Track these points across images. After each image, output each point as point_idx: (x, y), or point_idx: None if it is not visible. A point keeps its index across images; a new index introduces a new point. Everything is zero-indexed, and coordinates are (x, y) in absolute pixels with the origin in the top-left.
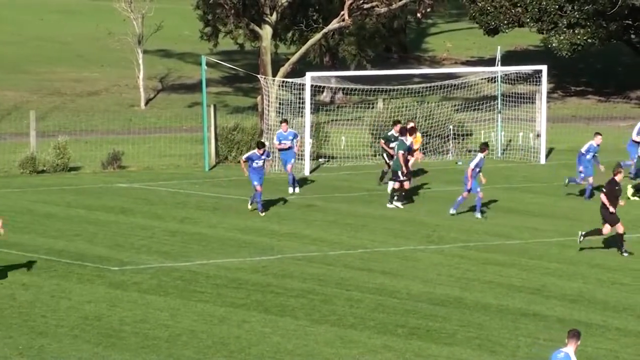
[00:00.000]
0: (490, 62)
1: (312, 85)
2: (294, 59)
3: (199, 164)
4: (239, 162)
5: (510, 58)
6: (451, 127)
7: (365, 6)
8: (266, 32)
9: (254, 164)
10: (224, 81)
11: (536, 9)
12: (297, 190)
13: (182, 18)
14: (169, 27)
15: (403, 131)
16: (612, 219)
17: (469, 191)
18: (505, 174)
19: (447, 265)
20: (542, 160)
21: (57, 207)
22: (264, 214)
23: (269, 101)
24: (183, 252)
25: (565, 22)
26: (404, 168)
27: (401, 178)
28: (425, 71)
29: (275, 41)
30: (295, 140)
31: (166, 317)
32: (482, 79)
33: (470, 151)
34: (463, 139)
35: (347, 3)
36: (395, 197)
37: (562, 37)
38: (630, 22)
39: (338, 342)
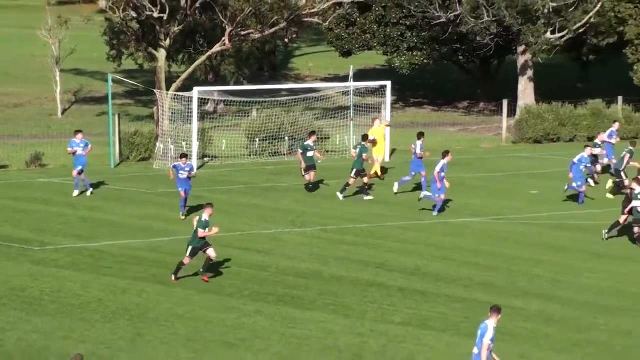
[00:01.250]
0: (345, 78)
1: (198, 98)
2: (183, 76)
3: (105, 163)
4: (139, 160)
5: (360, 75)
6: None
7: (243, 33)
8: (161, 54)
9: (180, 174)
10: (127, 95)
11: (382, 35)
12: (89, 193)
13: (92, 43)
14: (81, 50)
15: (365, 137)
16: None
17: (440, 194)
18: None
19: (309, 244)
20: (387, 159)
21: None
22: (184, 217)
23: (163, 111)
24: (93, 235)
25: (405, 46)
26: (363, 166)
27: (353, 175)
28: (291, 86)
29: (168, 62)
30: (85, 149)
31: (79, 288)
32: (337, 92)
33: (328, 151)
34: (322, 142)
35: (228, 30)
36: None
37: (403, 58)
38: (458, 46)
39: (219, 308)
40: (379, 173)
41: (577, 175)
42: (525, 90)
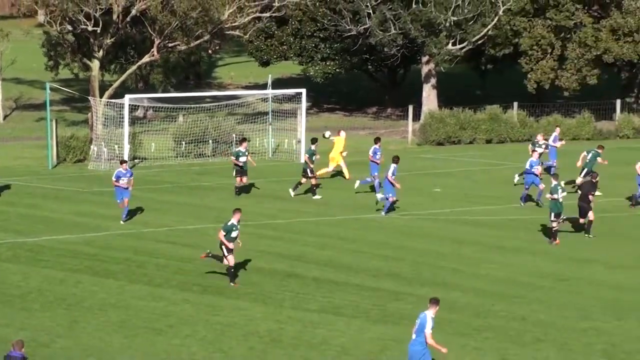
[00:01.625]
0: (263, 86)
1: (129, 105)
2: (115, 84)
3: (43, 164)
4: (75, 162)
5: (278, 83)
6: (234, 135)
7: (170, 45)
8: (95, 64)
9: (120, 182)
10: (63, 102)
11: (297, 47)
12: None
13: (31, 54)
14: (21, 61)
15: (314, 140)
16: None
17: (392, 195)
18: (275, 170)
19: None
20: (302, 160)
21: None
22: (125, 222)
23: (97, 116)
24: (32, 230)
25: (319, 56)
26: (310, 167)
27: (309, 175)
28: (215, 93)
29: (101, 71)
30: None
31: (19, 279)
32: (257, 99)
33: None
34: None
35: (156, 42)
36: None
37: (317, 68)
38: (367, 57)
39: (149, 297)
40: (347, 174)
41: (530, 179)
42: (429, 96)
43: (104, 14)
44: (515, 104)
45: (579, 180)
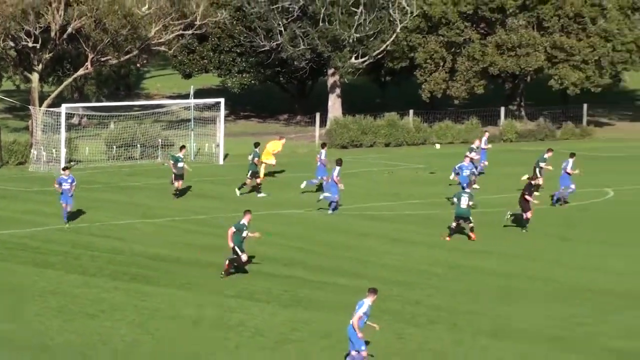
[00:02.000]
0: (186, 96)
1: (66, 113)
2: (53, 95)
3: None
4: (17, 164)
5: (199, 94)
6: (160, 140)
7: (102, 59)
8: (34, 77)
9: (63, 186)
10: (6, 110)
11: (217, 61)
12: None
13: None
14: None
15: (256, 145)
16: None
17: (336, 195)
18: (197, 171)
19: (157, 232)
20: (221, 162)
21: None
22: (67, 225)
23: (36, 124)
24: None
25: (236, 69)
26: (257, 169)
27: (254, 175)
28: (142, 102)
29: (41, 83)
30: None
31: None
32: (180, 107)
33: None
34: (167, 148)
35: (90, 57)
36: (259, 189)
37: (234, 79)
38: (279, 70)
39: (84, 285)
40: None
41: (463, 179)
42: (334, 105)
43: (43, 32)
44: (411, 111)
45: (540, 181)
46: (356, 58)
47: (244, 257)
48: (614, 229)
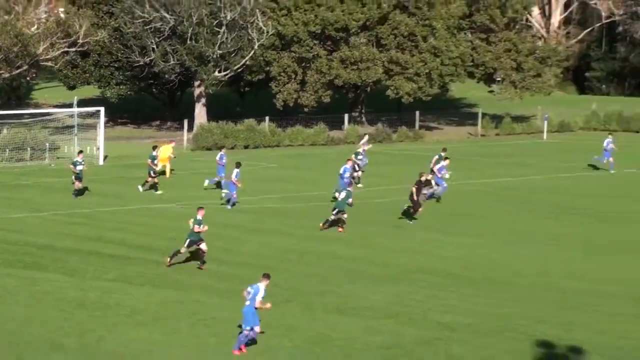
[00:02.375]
0: (70, 105)
1: None
2: None
3: None
4: None
5: (82, 103)
6: (47, 144)
7: None
8: None
9: None
10: None
11: (97, 74)
12: None
13: None
14: None
15: (155, 147)
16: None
17: (234, 193)
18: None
19: (45, 225)
20: (101, 163)
21: None
22: None
23: None
24: None
25: (114, 82)
26: (153, 169)
27: (152, 175)
28: (32, 111)
29: None
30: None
31: None
32: (65, 115)
33: (59, 158)
34: (55, 151)
35: None
36: (155, 187)
37: (112, 90)
38: (152, 82)
39: None
40: (167, 174)
41: (343, 183)
42: (200, 112)
43: None
44: (267, 117)
45: (430, 177)
46: (219, 72)
47: (183, 249)
48: (447, 220)
